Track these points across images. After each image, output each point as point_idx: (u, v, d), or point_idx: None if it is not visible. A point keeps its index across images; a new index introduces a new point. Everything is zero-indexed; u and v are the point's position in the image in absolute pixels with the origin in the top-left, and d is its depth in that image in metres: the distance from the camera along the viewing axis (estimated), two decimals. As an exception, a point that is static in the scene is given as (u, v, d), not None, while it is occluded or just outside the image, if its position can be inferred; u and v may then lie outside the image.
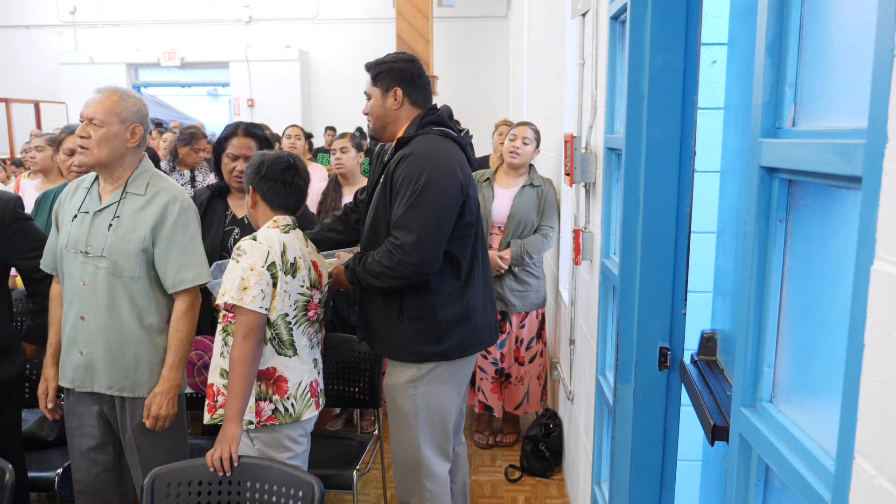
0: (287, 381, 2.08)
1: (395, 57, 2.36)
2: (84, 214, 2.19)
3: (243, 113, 11.69)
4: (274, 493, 1.80)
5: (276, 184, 2.12)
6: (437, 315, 2.24)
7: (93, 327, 2.15)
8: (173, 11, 12.03)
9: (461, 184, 2.20)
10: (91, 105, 2.13)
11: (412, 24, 9.81)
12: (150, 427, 2.16)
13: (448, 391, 2.33)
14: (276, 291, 2.03)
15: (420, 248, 2.13)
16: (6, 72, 12.26)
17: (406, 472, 2.38)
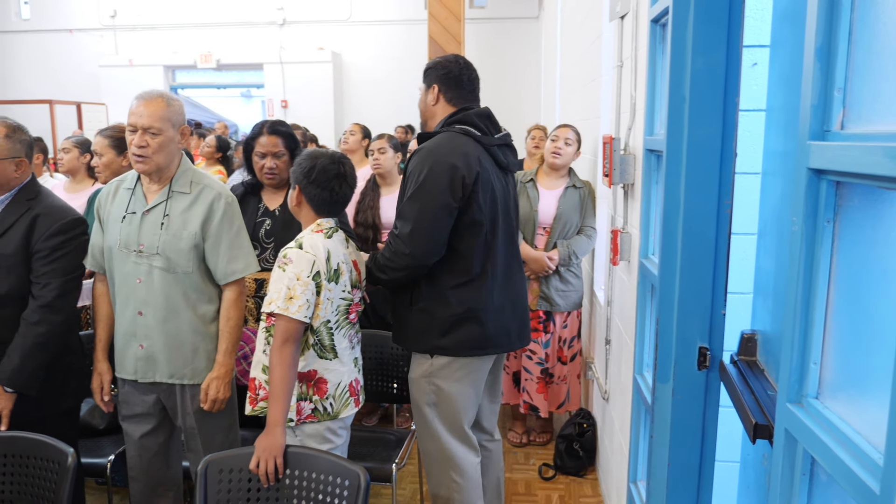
0: (327, 383, 2.12)
1: (443, 58, 2.45)
2: (132, 215, 2.27)
3: (277, 114, 11.84)
4: (320, 482, 1.85)
5: (323, 191, 2.12)
6: (442, 310, 2.30)
7: (151, 322, 2.24)
8: (209, 14, 12.24)
9: (462, 179, 2.23)
10: (142, 114, 2.19)
11: (444, 25, 9.87)
12: (208, 409, 2.26)
13: (461, 388, 2.37)
14: (320, 300, 2.05)
15: (414, 238, 2.21)
16: (50, 75, 12.59)
17: (434, 464, 2.45)
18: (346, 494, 1.81)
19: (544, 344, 3.53)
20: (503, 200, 2.38)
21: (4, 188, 2.25)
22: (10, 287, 2.20)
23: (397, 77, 11.76)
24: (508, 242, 2.42)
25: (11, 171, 2.24)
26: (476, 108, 2.40)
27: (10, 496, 1.98)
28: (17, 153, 2.25)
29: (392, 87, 11.80)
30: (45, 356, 2.20)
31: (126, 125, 2.27)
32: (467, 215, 2.27)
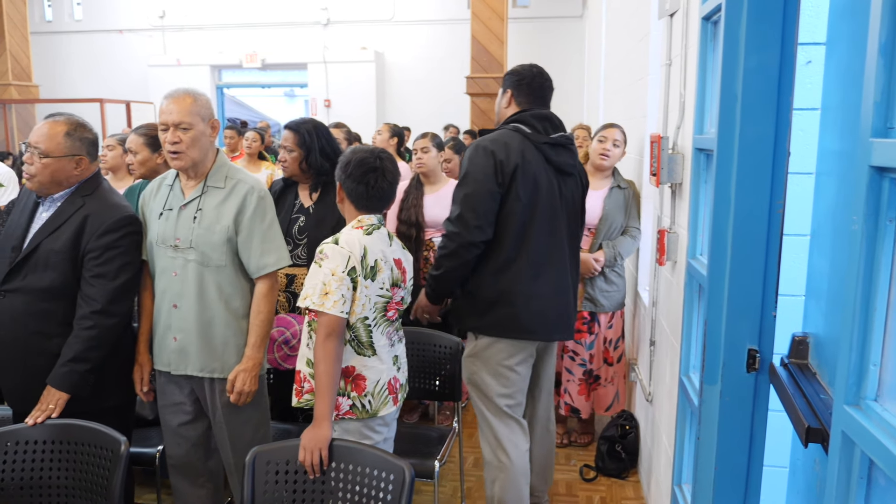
0: (365, 380, 2.12)
1: (519, 66, 2.72)
2: (169, 211, 2.33)
3: (320, 113, 11.97)
4: (366, 475, 1.88)
5: (359, 185, 2.13)
6: (481, 292, 2.51)
7: (185, 314, 2.30)
8: (255, 15, 12.44)
9: (501, 164, 2.41)
10: (172, 111, 2.25)
11: (487, 25, 9.87)
12: (234, 402, 2.29)
13: (500, 370, 2.54)
14: (356, 296, 2.05)
15: (462, 218, 2.42)
16: (100, 74, 12.94)
17: (485, 445, 2.65)
18: (391, 489, 1.83)
19: (588, 345, 3.51)
20: (548, 195, 2.49)
21: (64, 185, 2.30)
22: (51, 282, 2.24)
23: (439, 77, 11.79)
24: (552, 235, 2.51)
25: (71, 170, 2.29)
26: (538, 110, 2.58)
27: (66, 481, 2.05)
28: (77, 151, 2.30)
29: (434, 86, 11.84)
30: (96, 359, 2.24)
31: (158, 124, 2.32)
32: (506, 203, 2.43)
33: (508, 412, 2.57)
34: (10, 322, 2.25)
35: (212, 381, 2.34)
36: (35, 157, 2.24)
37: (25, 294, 2.24)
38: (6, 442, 2.07)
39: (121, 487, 1.94)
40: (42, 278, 2.24)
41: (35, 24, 12.32)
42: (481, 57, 9.85)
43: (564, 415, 3.67)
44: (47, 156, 2.24)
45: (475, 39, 9.85)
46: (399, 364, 2.24)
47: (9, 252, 2.27)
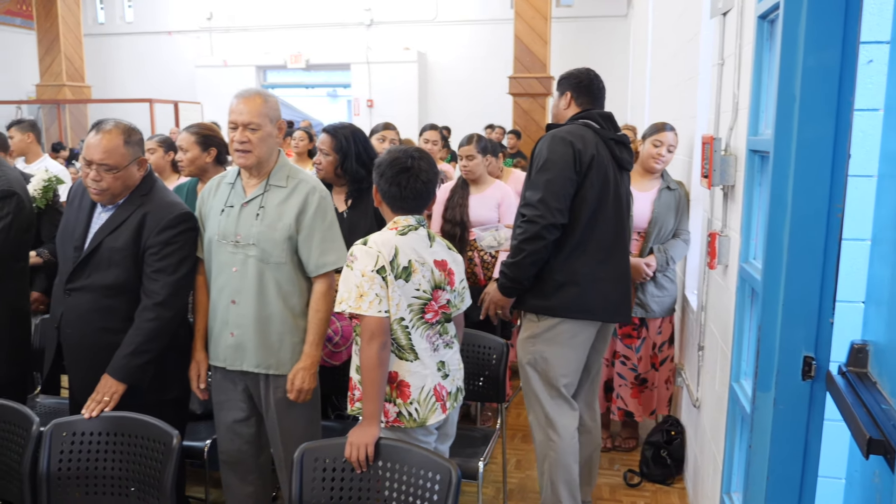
0: (409, 386, 2.08)
1: (576, 70, 2.82)
2: (230, 208, 2.37)
3: (362, 113, 12.08)
4: (412, 474, 1.88)
5: (391, 186, 2.10)
6: (548, 274, 2.60)
7: (243, 310, 2.33)
8: (300, 16, 12.61)
9: (579, 153, 2.54)
10: (242, 111, 2.28)
11: (530, 24, 9.83)
12: (293, 399, 2.32)
13: (562, 351, 2.64)
14: (389, 295, 2.02)
15: (544, 201, 2.51)
16: (150, 75, 13.26)
17: (536, 424, 2.74)
18: (437, 489, 1.83)
19: (636, 349, 3.47)
20: (615, 188, 2.64)
21: (130, 188, 2.36)
22: (115, 279, 2.31)
23: (481, 77, 11.79)
24: (615, 225, 2.66)
25: (136, 173, 2.36)
26: (596, 110, 2.72)
27: (120, 472, 2.10)
28: (137, 154, 2.36)
29: (476, 86, 11.84)
30: (155, 350, 2.30)
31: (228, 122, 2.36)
32: (581, 190, 2.56)
33: (563, 392, 2.67)
34: (77, 319, 2.32)
35: (266, 378, 2.37)
36: (103, 173, 2.27)
37: (90, 292, 2.31)
38: (62, 433, 2.13)
39: (173, 480, 1.98)
40: (106, 276, 2.30)
41: (88, 27, 12.67)
42: (524, 57, 9.81)
43: (618, 420, 3.63)
44: (116, 169, 2.28)
45: (518, 39, 9.82)
46: (447, 371, 2.17)
47: (71, 252, 2.34)
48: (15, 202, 2.52)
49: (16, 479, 2.10)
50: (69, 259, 2.35)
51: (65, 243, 2.39)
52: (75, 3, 12.00)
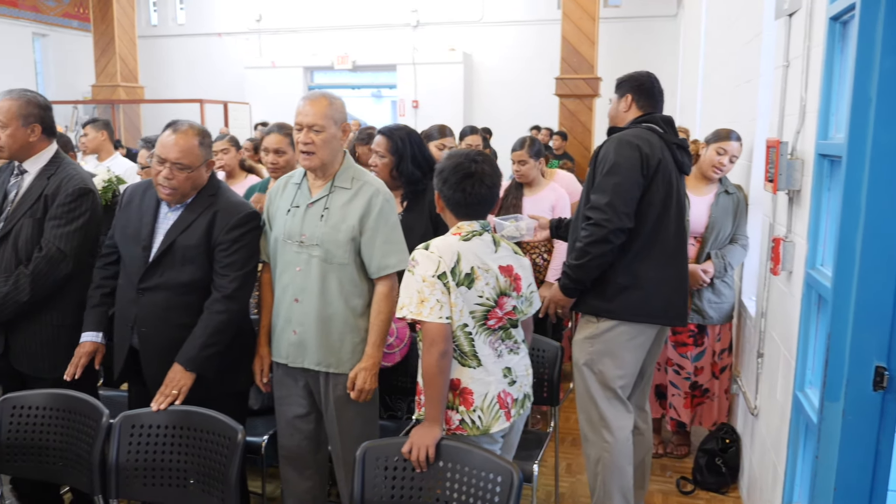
0: (472, 394, 2.05)
1: (637, 73, 2.80)
2: (296, 208, 2.41)
3: (408, 114, 12.14)
4: (472, 475, 1.89)
5: (455, 192, 2.07)
6: (612, 276, 2.58)
7: (306, 309, 2.36)
8: (347, 17, 12.73)
9: (647, 158, 2.53)
10: (307, 113, 2.33)
11: (578, 25, 9.76)
12: (355, 398, 2.34)
13: (620, 353, 2.62)
14: (451, 302, 2.00)
15: (613, 205, 2.49)
16: (200, 76, 13.53)
17: (588, 425, 2.71)
18: (499, 490, 1.83)
19: (694, 357, 3.40)
20: (676, 191, 2.64)
21: (197, 189, 2.42)
22: (190, 276, 2.38)
23: (527, 77, 11.75)
24: (677, 229, 2.65)
25: (204, 174, 2.43)
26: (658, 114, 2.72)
27: (185, 465, 2.15)
28: (209, 156, 2.43)
29: (521, 87, 11.81)
30: (222, 343, 2.37)
31: (294, 124, 2.41)
32: (647, 194, 2.56)
33: (619, 393, 2.65)
34: (153, 318, 2.39)
35: (327, 376, 2.40)
36: (176, 172, 2.33)
37: (165, 290, 2.38)
38: (130, 425, 2.19)
39: (238, 474, 2.03)
40: (181, 273, 2.37)
41: (141, 29, 12.99)
42: (571, 58, 9.74)
43: (670, 430, 3.58)
44: (189, 169, 2.35)
45: (565, 40, 9.76)
46: (514, 377, 2.13)
47: (139, 252, 2.40)
48: (91, 199, 2.60)
49: (85, 469, 2.17)
50: (138, 259, 2.40)
51: (130, 244, 2.44)
52: (130, 6, 12.31)
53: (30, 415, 2.27)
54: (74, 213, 2.54)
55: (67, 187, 2.55)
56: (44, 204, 2.55)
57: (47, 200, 2.55)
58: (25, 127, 2.56)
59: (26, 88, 2.66)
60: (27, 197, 2.58)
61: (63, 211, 2.53)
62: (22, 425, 2.27)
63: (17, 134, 2.57)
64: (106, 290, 2.54)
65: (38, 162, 2.61)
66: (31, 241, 2.53)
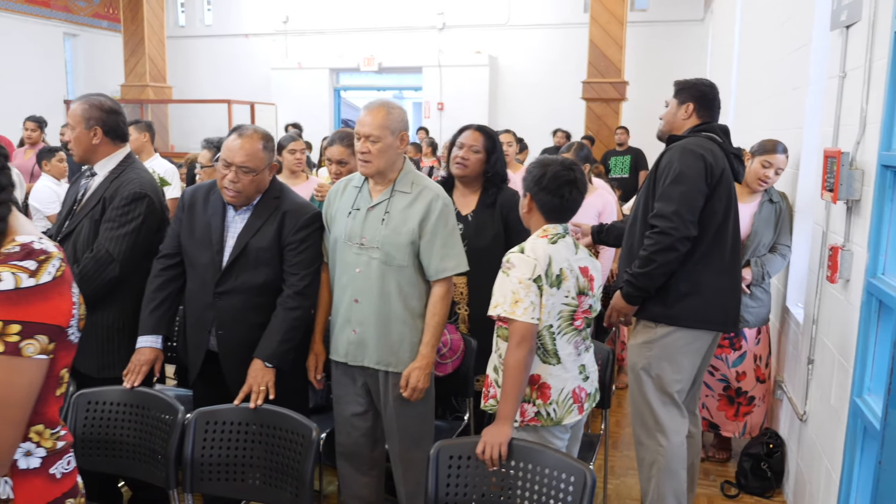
0: (550, 388, 2.17)
1: (699, 81, 2.81)
2: (357, 211, 2.47)
3: (433, 116, 12.20)
4: (546, 475, 1.94)
5: (553, 197, 2.17)
6: (673, 284, 2.61)
7: (365, 309, 2.43)
8: (373, 20, 12.80)
9: (711, 167, 2.56)
10: (365, 123, 2.39)
11: (605, 28, 9.78)
12: (407, 397, 2.41)
13: (677, 358, 2.66)
14: (542, 303, 2.09)
15: (679, 214, 2.52)
16: (228, 76, 13.65)
17: (642, 429, 2.74)
18: (572, 490, 1.88)
19: (734, 362, 3.42)
20: (734, 200, 2.69)
21: (261, 192, 2.50)
22: (266, 278, 2.47)
23: (551, 80, 11.77)
24: (734, 237, 2.70)
25: (267, 177, 2.51)
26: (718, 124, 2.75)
27: (260, 461, 2.22)
28: (271, 159, 2.51)
29: (546, 90, 11.83)
30: (297, 336, 2.46)
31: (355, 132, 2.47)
32: (710, 203, 2.59)
33: (676, 398, 2.69)
34: (231, 320, 2.47)
35: (386, 375, 2.46)
36: (241, 175, 2.41)
37: (242, 292, 2.46)
38: (205, 421, 2.26)
39: (312, 471, 2.09)
40: (256, 275, 2.45)
41: (169, 29, 13.12)
42: (599, 61, 9.77)
43: (703, 430, 3.61)
44: (254, 172, 2.42)
45: (593, 44, 9.78)
46: (587, 373, 2.26)
47: (211, 256, 2.47)
48: (146, 204, 2.62)
49: (160, 463, 2.24)
50: (210, 264, 2.47)
51: (200, 249, 2.50)
52: (160, 7, 12.48)
53: (104, 410, 2.34)
54: (127, 217, 2.58)
55: (124, 191, 2.60)
56: (102, 206, 2.60)
57: (105, 203, 2.60)
58: (88, 130, 2.63)
59: (99, 93, 2.73)
60: (91, 199, 2.64)
61: (116, 214, 2.58)
62: (96, 420, 2.34)
63: (81, 136, 2.64)
64: (167, 292, 2.57)
65: (107, 165, 2.68)
66: (88, 241, 2.59)
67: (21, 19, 11.51)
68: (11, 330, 1.22)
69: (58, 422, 1.40)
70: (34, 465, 1.35)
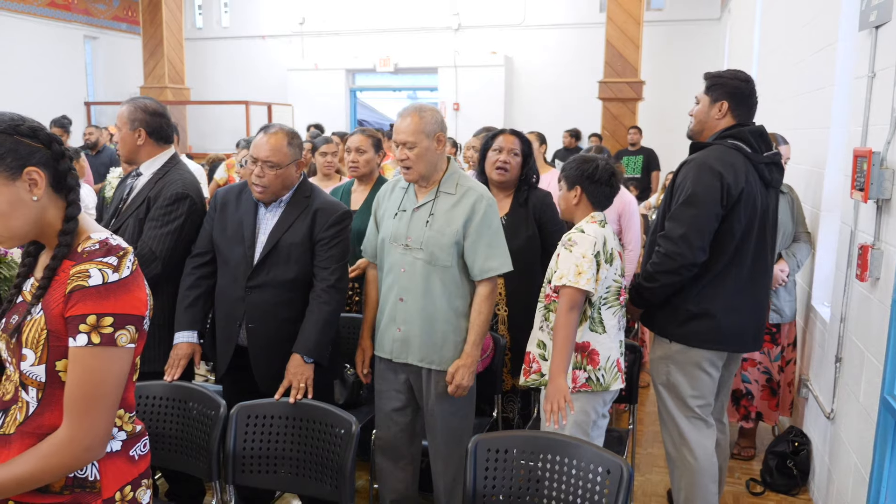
0: (598, 355, 2.42)
1: (733, 74, 2.59)
2: (402, 212, 2.53)
3: (448, 117, 12.24)
4: (582, 468, 1.97)
5: (604, 187, 2.48)
6: (682, 303, 2.56)
7: (410, 308, 2.48)
8: (389, 20, 12.86)
9: (728, 188, 2.43)
10: (400, 131, 2.45)
11: (621, 28, 9.79)
12: (451, 393, 2.46)
13: (694, 373, 2.60)
14: (599, 276, 2.37)
15: (687, 239, 2.45)
16: (245, 78, 13.74)
17: (671, 444, 2.70)
18: (609, 484, 1.92)
19: (776, 357, 3.48)
20: (762, 215, 2.54)
21: (288, 188, 2.58)
22: (296, 273, 2.53)
23: (566, 80, 11.78)
24: (758, 253, 2.57)
25: (294, 174, 2.57)
26: (751, 125, 2.58)
27: (300, 454, 2.27)
28: (298, 156, 2.57)
29: (561, 90, 11.84)
30: (332, 330, 2.53)
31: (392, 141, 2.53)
32: (725, 224, 2.49)
33: (698, 413, 2.65)
34: (261, 314, 2.53)
35: (429, 372, 2.51)
36: (266, 170, 2.48)
37: (273, 287, 2.52)
38: (246, 415, 2.32)
39: (352, 464, 2.14)
40: (287, 271, 2.51)
41: (187, 31, 13.23)
42: (615, 61, 9.77)
43: (751, 426, 3.65)
44: (278, 167, 2.49)
45: (609, 43, 9.78)
46: (622, 350, 2.51)
47: (243, 252, 2.54)
48: (188, 204, 2.69)
49: (203, 456, 2.30)
50: (242, 260, 2.54)
51: (232, 245, 2.57)
52: (178, 10, 12.58)
53: (148, 404, 2.40)
54: (170, 217, 2.65)
55: (167, 191, 2.67)
56: (147, 206, 2.67)
57: (150, 202, 2.67)
58: (132, 131, 2.71)
59: (144, 96, 2.81)
60: (136, 198, 2.71)
61: (160, 213, 2.65)
62: (139, 413, 2.39)
63: (126, 137, 2.72)
64: (200, 290, 2.64)
65: (152, 166, 2.75)
66: (132, 240, 2.65)
67: (43, 23, 11.66)
68: (105, 322, 1.30)
69: (134, 406, 1.48)
70: (116, 448, 1.43)
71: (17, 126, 1.33)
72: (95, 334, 1.30)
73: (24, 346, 1.34)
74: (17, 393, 1.38)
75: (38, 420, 1.36)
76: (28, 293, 1.41)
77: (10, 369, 1.41)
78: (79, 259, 1.33)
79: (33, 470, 1.30)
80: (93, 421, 1.32)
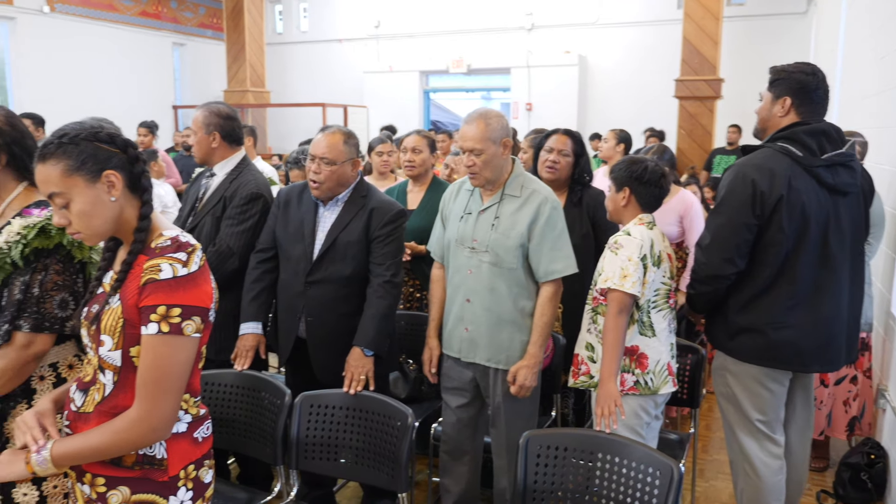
0: (647, 358, 2.40)
1: (797, 67, 2.42)
2: (468, 215, 2.58)
3: (521, 117, 12.22)
4: (633, 468, 1.98)
5: (654, 188, 2.47)
6: (732, 316, 2.46)
7: (477, 309, 2.53)
8: (462, 22, 12.93)
9: (761, 195, 2.29)
10: (465, 137, 2.49)
11: (699, 25, 9.54)
12: (515, 394, 2.49)
13: (750, 387, 2.49)
14: (646, 279, 2.35)
15: (710, 249, 2.40)
16: (322, 80, 14.11)
17: (732, 454, 2.63)
18: (658, 484, 1.92)
19: None
20: (820, 222, 2.34)
21: (344, 187, 2.69)
22: (352, 270, 2.65)
23: (641, 79, 11.57)
24: (823, 264, 2.37)
25: (349, 172, 2.68)
26: (814, 123, 2.36)
27: (358, 443, 2.36)
28: (353, 155, 2.69)
29: (636, 89, 11.62)
30: (390, 324, 2.64)
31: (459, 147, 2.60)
32: (767, 233, 2.34)
33: (761, 428, 2.52)
34: (320, 308, 2.65)
35: (496, 371, 2.55)
36: (322, 166, 2.61)
37: (331, 283, 2.64)
38: (309, 404, 2.42)
39: (409, 455, 2.21)
40: (343, 267, 2.63)
41: (268, 37, 13.68)
42: (693, 59, 9.53)
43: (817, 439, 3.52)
44: (334, 163, 2.61)
45: (687, 41, 9.54)
46: (674, 352, 2.49)
47: (304, 249, 2.67)
48: (261, 203, 2.85)
49: (269, 441, 2.42)
50: (302, 256, 2.67)
51: (293, 241, 2.70)
52: (259, 16, 13.02)
53: (219, 391, 2.54)
54: (246, 215, 2.81)
55: (242, 191, 2.83)
56: (223, 205, 2.84)
57: (226, 202, 2.84)
58: (207, 134, 2.88)
59: (218, 101, 2.98)
60: (212, 198, 2.88)
61: (236, 212, 2.80)
62: (213, 400, 2.54)
63: (201, 141, 2.89)
64: (264, 283, 2.76)
65: (225, 167, 2.91)
66: (210, 237, 2.82)
67: (135, 31, 12.31)
68: (174, 313, 1.42)
69: (199, 391, 1.60)
70: (182, 430, 1.54)
71: (97, 133, 1.46)
72: (165, 323, 1.41)
73: (102, 333, 1.47)
74: (95, 375, 1.51)
75: (114, 401, 1.48)
76: (107, 284, 1.53)
77: (90, 354, 1.54)
78: (152, 254, 1.45)
79: (106, 442, 1.43)
80: (161, 403, 1.44)
